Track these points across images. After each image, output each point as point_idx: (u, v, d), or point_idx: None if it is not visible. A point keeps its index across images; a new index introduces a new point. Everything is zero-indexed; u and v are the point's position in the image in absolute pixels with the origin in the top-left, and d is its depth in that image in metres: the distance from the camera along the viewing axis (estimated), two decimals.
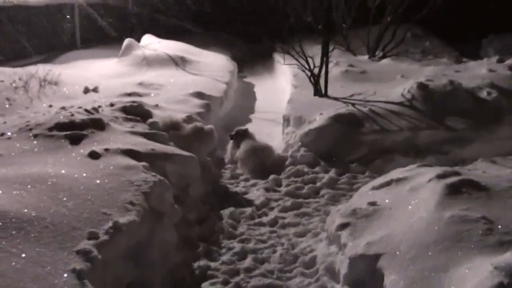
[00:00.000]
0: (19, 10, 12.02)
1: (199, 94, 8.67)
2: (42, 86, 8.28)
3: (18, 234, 3.29)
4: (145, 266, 4.07)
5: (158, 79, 9.60)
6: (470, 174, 4.55)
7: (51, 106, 7.36)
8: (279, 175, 6.58)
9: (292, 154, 6.98)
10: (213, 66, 11.47)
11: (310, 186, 6.23)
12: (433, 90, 7.66)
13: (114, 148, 5.17)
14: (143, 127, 6.43)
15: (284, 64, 9.60)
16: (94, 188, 4.26)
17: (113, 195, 4.23)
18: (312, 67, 8.81)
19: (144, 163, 4.99)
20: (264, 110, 10.07)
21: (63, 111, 6.28)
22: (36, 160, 4.71)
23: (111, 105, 7.07)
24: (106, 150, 5.08)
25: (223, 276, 4.39)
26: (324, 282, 4.21)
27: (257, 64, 14.74)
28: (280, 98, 10.33)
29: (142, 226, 4.16)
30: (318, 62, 8.92)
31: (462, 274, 3.18)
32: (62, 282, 3.05)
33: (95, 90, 8.84)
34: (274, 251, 4.77)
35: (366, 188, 4.98)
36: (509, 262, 2.93)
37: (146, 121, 6.74)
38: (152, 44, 12.33)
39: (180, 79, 9.87)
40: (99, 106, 6.79)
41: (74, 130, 5.49)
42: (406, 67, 10.47)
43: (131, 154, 5.15)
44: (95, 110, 6.43)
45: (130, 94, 8.43)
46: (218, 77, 10.56)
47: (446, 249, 3.46)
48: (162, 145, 5.80)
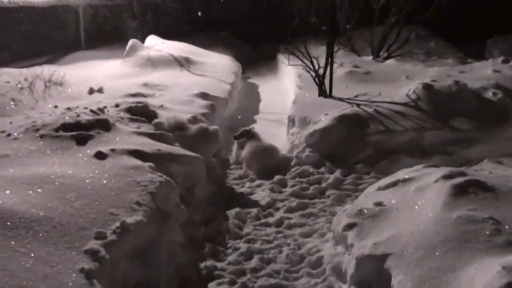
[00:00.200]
0: (24, 11, 12.06)
1: (204, 95, 8.69)
2: (47, 87, 8.30)
3: (27, 234, 3.31)
4: (152, 266, 4.08)
5: (162, 80, 9.62)
6: (477, 174, 4.55)
7: (57, 106, 7.38)
8: (285, 176, 6.59)
9: (297, 155, 6.99)
10: (217, 67, 11.50)
11: (315, 186, 6.23)
12: (438, 90, 7.65)
13: (120, 148, 5.19)
14: (149, 128, 6.45)
15: (288, 65, 9.61)
16: (101, 188, 4.28)
17: (120, 195, 4.25)
18: (317, 68, 8.82)
19: (150, 164, 5.00)
20: (268, 111, 10.09)
21: (69, 112, 6.30)
22: (43, 160, 4.73)
23: (117, 105, 7.10)
24: (112, 151, 5.10)
25: (230, 276, 4.39)
26: (331, 282, 4.21)
27: (261, 65, 14.79)
28: (284, 99, 10.36)
29: (149, 226, 4.17)
30: (323, 62, 8.94)
31: (470, 274, 3.18)
32: (71, 282, 3.06)
33: (100, 90, 8.86)
34: (281, 252, 4.78)
35: (372, 188, 4.97)
36: None
37: (152, 121, 6.76)
38: (156, 45, 12.37)
39: (184, 80, 9.89)
40: (105, 107, 6.81)
41: (80, 131, 5.51)
42: (410, 68, 10.48)
43: (137, 154, 5.17)
44: (101, 111, 6.44)
45: (135, 95, 8.44)
46: (223, 78, 10.59)
47: (453, 249, 3.46)
48: (168, 145, 5.81)
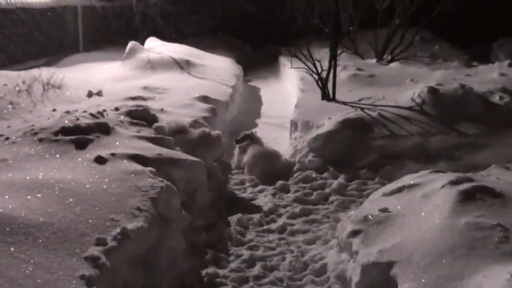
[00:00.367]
0: (22, 13, 12.08)
1: (205, 98, 8.70)
2: (45, 90, 8.31)
3: (27, 240, 3.31)
4: (153, 273, 4.08)
5: (163, 83, 9.63)
6: (484, 180, 4.56)
7: (55, 110, 7.39)
8: (287, 181, 6.58)
9: (300, 160, 6.99)
10: (218, 69, 11.52)
11: (318, 192, 6.23)
12: (443, 94, 7.66)
13: (120, 153, 5.20)
14: (149, 132, 6.46)
15: (291, 67, 9.63)
16: (101, 193, 4.29)
17: (120, 201, 4.25)
18: (319, 71, 8.84)
19: (151, 168, 5.01)
20: (270, 114, 10.11)
21: (68, 115, 6.31)
22: (42, 165, 4.73)
23: (116, 109, 7.12)
24: (112, 155, 5.10)
25: (232, 283, 4.39)
26: None
27: (262, 67, 14.81)
28: (286, 103, 10.37)
29: (150, 232, 4.17)
30: (326, 65, 8.96)
31: (478, 282, 3.19)
32: None
33: (99, 94, 8.87)
34: (284, 259, 4.77)
35: (377, 194, 4.98)
36: None
37: (152, 125, 6.78)
38: (156, 47, 12.39)
39: (185, 83, 9.91)
40: (104, 110, 6.82)
41: (79, 135, 5.51)
42: (415, 71, 10.51)
43: (138, 159, 5.17)
44: (100, 114, 6.45)
45: (134, 98, 8.46)
46: (224, 80, 10.61)
47: (461, 257, 3.46)
48: (169, 150, 5.82)
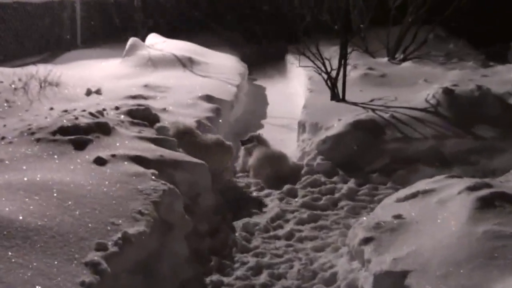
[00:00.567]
0: (18, 7, 12.12)
1: (208, 98, 8.70)
2: (42, 88, 8.32)
3: (24, 244, 3.32)
4: (155, 280, 4.08)
5: (164, 81, 9.64)
6: (503, 186, 4.53)
7: (52, 108, 7.40)
8: (295, 185, 6.57)
9: (308, 163, 6.97)
10: (222, 67, 11.52)
11: (328, 197, 6.21)
12: (459, 95, 7.64)
13: (121, 154, 5.21)
14: (151, 132, 6.48)
15: (299, 66, 9.62)
16: (101, 196, 4.29)
17: (121, 204, 4.26)
18: (329, 70, 8.83)
19: (152, 171, 5.02)
20: (276, 115, 10.08)
21: (66, 114, 6.32)
22: (39, 166, 4.74)
23: (116, 108, 7.13)
24: (113, 156, 5.12)
25: None
26: None
27: (268, 66, 14.79)
28: (293, 103, 10.36)
29: (152, 237, 4.17)
30: (335, 64, 8.94)
31: None
32: None
33: (98, 92, 8.88)
34: (291, 267, 4.75)
35: (390, 200, 4.97)
36: None
37: (153, 125, 6.79)
38: (157, 43, 12.40)
39: (188, 81, 9.91)
40: (104, 109, 6.83)
41: (78, 135, 5.52)
42: (429, 71, 10.48)
43: (139, 160, 5.18)
44: (100, 114, 6.46)
45: (135, 97, 8.46)
46: (228, 79, 10.60)
47: (479, 266, 3.45)
48: (171, 151, 5.83)
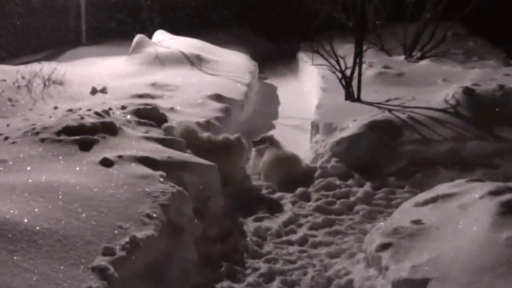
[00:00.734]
0: (21, 3, 12.19)
1: (218, 97, 8.71)
2: (46, 86, 8.37)
3: (30, 248, 3.34)
4: (163, 286, 4.09)
5: (172, 80, 9.67)
6: None
7: (57, 108, 7.46)
8: (308, 188, 6.56)
9: (322, 165, 6.96)
10: (232, 66, 11.53)
11: (342, 201, 6.20)
12: (480, 95, 7.60)
13: (127, 155, 5.23)
14: (158, 132, 6.50)
15: (312, 64, 9.61)
16: (108, 199, 4.31)
17: (128, 207, 4.27)
18: (343, 68, 8.81)
19: (160, 172, 5.03)
20: (288, 115, 10.09)
21: (71, 114, 6.36)
22: (44, 167, 4.77)
23: (123, 107, 7.16)
24: (119, 157, 5.14)
25: None
26: None
27: (279, 64, 14.80)
28: (306, 103, 10.36)
29: (161, 241, 4.18)
30: (350, 62, 8.93)
31: None
32: None
33: (103, 91, 8.92)
34: (305, 273, 4.75)
35: (408, 204, 4.94)
36: None
37: (161, 125, 6.81)
38: (165, 40, 12.43)
39: (196, 80, 9.93)
40: (110, 109, 6.88)
41: (84, 135, 5.54)
42: (448, 70, 10.45)
43: (147, 162, 5.20)
44: (106, 113, 6.49)
45: (142, 96, 8.49)
46: (238, 78, 10.61)
47: (503, 275, 3.42)
48: (180, 152, 5.84)
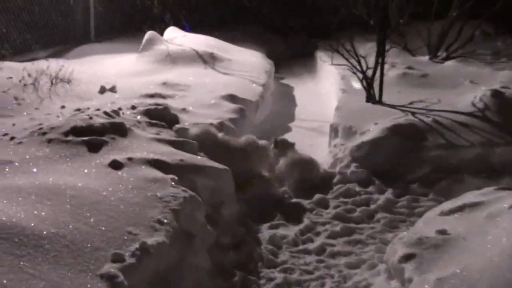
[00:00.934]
0: None
1: (232, 97, 8.74)
2: (53, 84, 8.44)
3: (36, 253, 3.35)
4: None
5: (184, 79, 9.70)
6: None
7: (64, 107, 7.51)
8: (326, 195, 6.57)
9: (341, 171, 6.97)
10: (247, 65, 11.55)
11: (362, 208, 6.21)
12: (510, 99, 7.59)
13: (138, 157, 5.25)
14: (170, 134, 6.52)
15: (331, 64, 9.61)
16: (117, 203, 4.32)
17: (139, 212, 4.29)
18: (364, 69, 8.80)
19: (172, 176, 5.04)
20: (306, 117, 10.12)
21: (80, 114, 6.40)
22: (51, 168, 4.80)
23: (133, 107, 7.20)
24: (129, 160, 5.16)
25: None
26: None
27: (297, 63, 14.81)
28: (325, 104, 10.36)
29: (172, 248, 4.18)
30: (371, 62, 8.91)
31: None
32: None
33: (113, 90, 8.98)
34: (323, 284, 4.75)
35: (433, 213, 4.92)
36: None
37: (172, 127, 6.84)
38: (177, 38, 12.48)
39: (209, 79, 9.96)
40: (120, 109, 6.91)
41: (92, 136, 5.57)
42: (475, 71, 10.43)
43: (158, 164, 5.21)
44: (116, 113, 6.52)
45: (152, 96, 8.54)
46: (253, 77, 10.64)
47: None
48: (192, 155, 5.85)
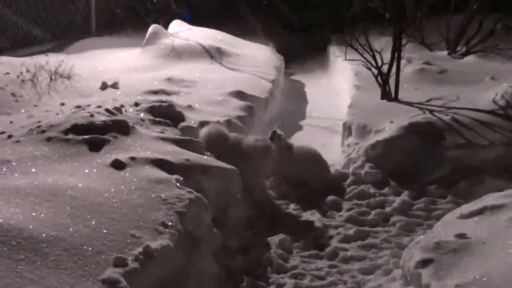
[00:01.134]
0: None
1: (240, 94, 8.77)
2: (52, 80, 8.49)
3: (35, 257, 3.37)
4: None
5: (190, 75, 9.74)
6: None
7: (64, 104, 7.55)
8: (339, 197, 6.57)
9: (354, 171, 6.98)
10: (256, 60, 11.57)
11: (377, 211, 6.21)
12: None
13: (141, 156, 5.27)
14: (174, 132, 6.54)
15: (345, 59, 9.61)
16: (119, 204, 4.34)
17: (142, 214, 4.30)
18: (380, 64, 8.78)
19: (177, 176, 5.06)
20: (317, 115, 10.15)
21: (80, 111, 6.42)
22: (50, 168, 4.82)
23: (136, 104, 7.23)
24: (132, 159, 5.18)
25: None
26: None
27: (308, 58, 14.81)
28: (337, 101, 10.38)
29: (177, 252, 4.20)
30: (387, 58, 8.90)
31: None
32: None
33: (115, 86, 9.02)
34: None
35: (452, 216, 4.90)
36: None
37: (177, 125, 6.86)
38: (182, 31, 12.52)
39: (216, 75, 9.99)
40: (122, 106, 6.94)
41: (93, 134, 5.61)
42: (496, 67, 10.42)
43: (162, 164, 5.24)
44: (118, 111, 6.55)
45: (156, 92, 8.58)
46: (262, 73, 10.66)
47: None
48: (198, 155, 5.86)
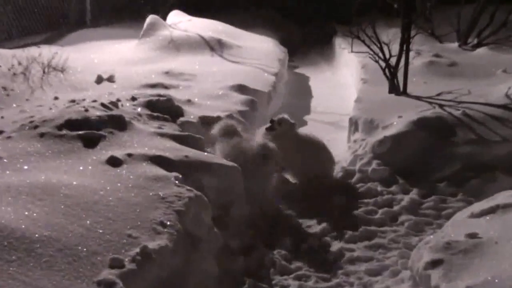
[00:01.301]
0: None
1: (242, 88, 8.77)
2: (45, 73, 8.50)
3: (28, 258, 3.38)
4: None
5: (189, 68, 9.76)
6: None
7: (57, 98, 7.56)
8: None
9: (361, 168, 6.99)
10: (258, 52, 11.57)
11: (385, 210, 6.21)
12: None
13: (138, 153, 5.28)
14: (173, 128, 6.54)
15: (351, 51, 9.61)
16: (116, 203, 4.35)
17: (139, 213, 4.31)
18: (387, 57, 8.78)
19: (176, 174, 5.07)
20: (322, 110, 10.17)
21: (74, 105, 6.44)
22: (44, 166, 4.83)
23: (133, 99, 7.23)
24: (129, 156, 5.19)
25: None
26: None
27: (312, 51, 14.81)
28: (343, 96, 10.39)
29: (175, 253, 4.21)
30: (395, 50, 8.89)
31: None
32: None
33: (111, 79, 9.04)
34: None
35: (463, 215, 4.91)
36: None
37: (176, 120, 6.85)
38: (181, 22, 12.53)
39: (216, 68, 10.01)
40: (118, 100, 6.94)
41: (88, 130, 5.62)
42: (509, 59, 10.44)
43: (160, 161, 5.24)
44: (114, 105, 6.56)
45: (154, 86, 8.59)
46: (265, 66, 10.67)
47: None
48: (198, 151, 5.86)
